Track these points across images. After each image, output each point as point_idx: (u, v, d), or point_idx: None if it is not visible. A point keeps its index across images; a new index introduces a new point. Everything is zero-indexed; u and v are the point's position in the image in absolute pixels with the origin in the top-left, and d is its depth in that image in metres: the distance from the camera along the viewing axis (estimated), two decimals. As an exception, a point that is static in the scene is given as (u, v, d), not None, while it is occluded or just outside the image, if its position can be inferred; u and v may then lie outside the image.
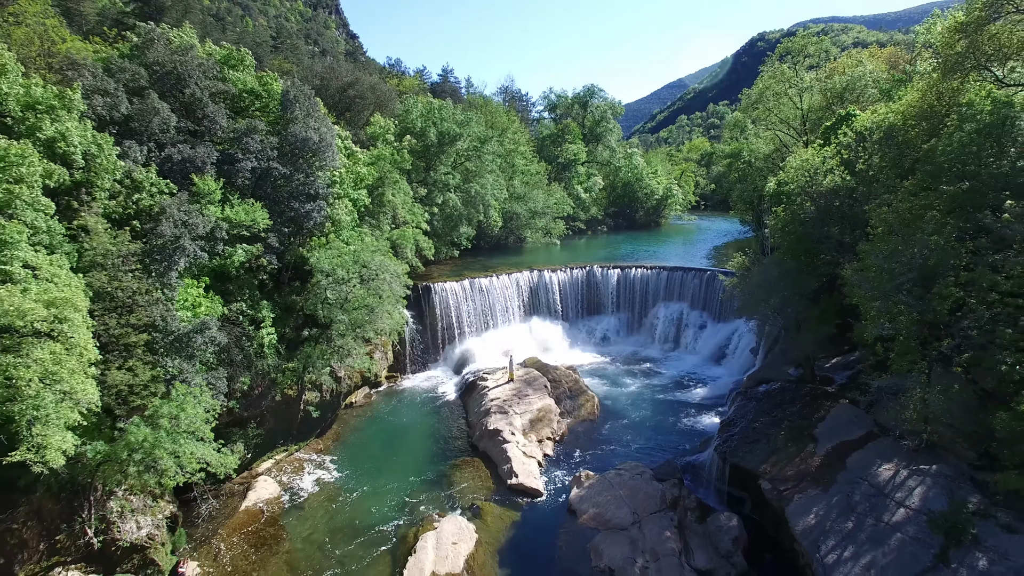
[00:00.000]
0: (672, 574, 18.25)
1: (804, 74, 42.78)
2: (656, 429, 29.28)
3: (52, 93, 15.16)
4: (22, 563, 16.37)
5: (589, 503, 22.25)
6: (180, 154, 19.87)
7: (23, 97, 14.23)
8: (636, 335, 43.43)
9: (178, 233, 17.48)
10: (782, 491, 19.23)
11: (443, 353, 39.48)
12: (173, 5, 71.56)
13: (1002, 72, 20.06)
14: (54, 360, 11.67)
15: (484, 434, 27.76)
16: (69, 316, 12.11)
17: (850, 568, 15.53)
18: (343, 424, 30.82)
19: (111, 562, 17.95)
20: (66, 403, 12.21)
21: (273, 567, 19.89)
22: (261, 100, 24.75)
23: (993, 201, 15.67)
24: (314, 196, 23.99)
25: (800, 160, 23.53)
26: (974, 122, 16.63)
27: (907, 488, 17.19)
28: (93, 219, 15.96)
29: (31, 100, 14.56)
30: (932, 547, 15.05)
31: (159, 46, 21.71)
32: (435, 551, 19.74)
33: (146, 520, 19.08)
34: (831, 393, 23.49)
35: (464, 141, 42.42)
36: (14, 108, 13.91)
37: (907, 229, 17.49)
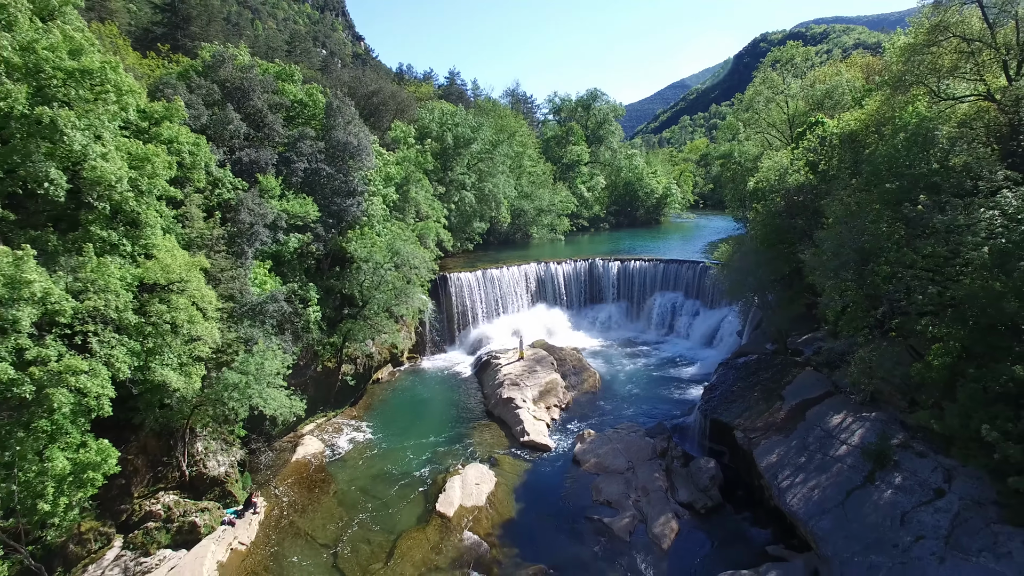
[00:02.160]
0: (659, 504, 22.09)
1: (791, 81, 46.51)
2: (650, 399, 33.08)
3: (163, 106, 19.02)
4: (135, 485, 20.36)
5: (591, 454, 26.10)
6: (248, 156, 23.76)
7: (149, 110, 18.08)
8: (635, 322, 47.20)
9: (253, 221, 21.37)
10: (752, 438, 23.02)
11: (459, 336, 43.36)
12: (198, 15, 75.95)
13: (937, 87, 23.75)
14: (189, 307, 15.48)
15: (499, 402, 31.61)
16: (193, 277, 15.93)
17: (799, 489, 19.36)
18: (372, 396, 34.72)
19: (199, 491, 21.93)
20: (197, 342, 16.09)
21: (325, 503, 23.76)
22: (309, 110, 28.68)
23: (915, 196, 19.38)
24: (353, 192, 27.90)
25: (771, 161, 27.30)
26: (904, 132, 20.37)
27: (850, 431, 20.96)
28: (193, 208, 19.84)
29: (149, 112, 18.44)
30: (863, 471, 18.83)
31: (228, 65, 25.63)
32: (461, 490, 23.62)
33: (223, 460, 23.05)
34: (799, 362, 27.23)
35: (477, 144, 46.36)
36: (137, 119, 17.76)
37: (852, 219, 21.24)
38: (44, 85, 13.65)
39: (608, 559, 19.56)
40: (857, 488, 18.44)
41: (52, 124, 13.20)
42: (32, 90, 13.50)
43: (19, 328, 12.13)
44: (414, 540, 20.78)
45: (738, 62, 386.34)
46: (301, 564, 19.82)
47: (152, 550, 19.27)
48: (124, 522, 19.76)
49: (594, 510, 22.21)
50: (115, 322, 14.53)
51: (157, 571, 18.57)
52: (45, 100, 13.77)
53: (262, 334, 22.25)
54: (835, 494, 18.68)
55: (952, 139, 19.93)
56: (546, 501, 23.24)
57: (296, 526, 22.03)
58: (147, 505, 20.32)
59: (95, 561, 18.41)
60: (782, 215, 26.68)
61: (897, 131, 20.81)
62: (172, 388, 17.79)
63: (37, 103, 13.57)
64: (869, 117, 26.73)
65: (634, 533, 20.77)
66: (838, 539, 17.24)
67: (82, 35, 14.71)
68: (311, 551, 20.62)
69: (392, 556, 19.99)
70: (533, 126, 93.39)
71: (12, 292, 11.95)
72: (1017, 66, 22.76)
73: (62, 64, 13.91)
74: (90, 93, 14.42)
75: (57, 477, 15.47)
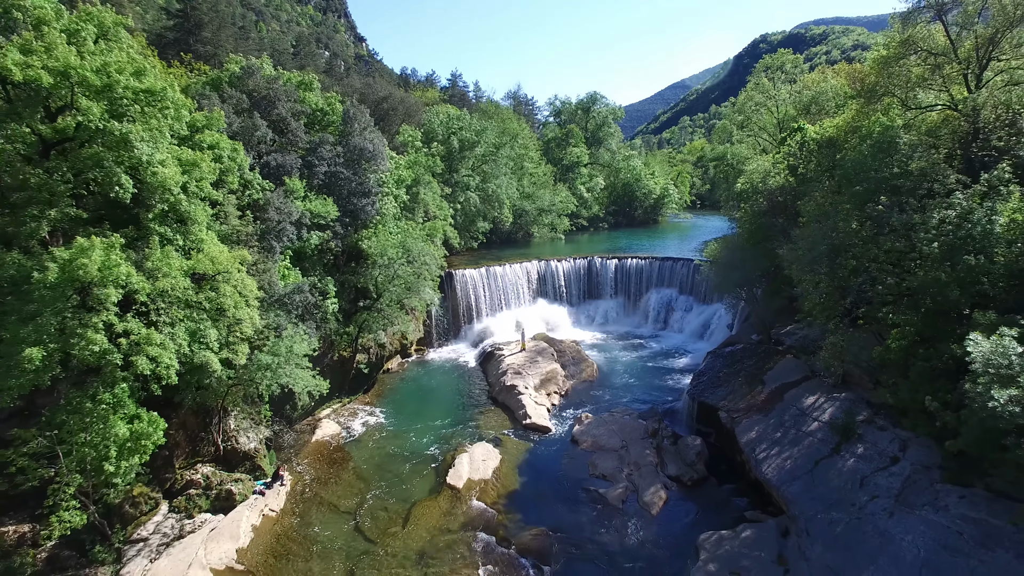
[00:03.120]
0: (649, 477, 24.31)
1: (781, 87, 48.67)
2: (644, 387, 35.28)
3: (205, 116, 21.24)
4: (177, 457, 22.62)
5: (588, 435, 28.32)
6: (275, 161, 25.97)
7: (192, 120, 20.28)
8: (631, 317, 49.40)
9: (280, 219, 23.57)
10: (734, 418, 25.24)
11: (464, 330, 45.57)
12: (209, 21, 78.26)
13: (905, 97, 25.94)
14: (234, 294, 17.72)
15: (502, 389, 33.83)
16: (235, 268, 18.14)
17: (774, 460, 21.58)
18: (383, 384, 36.95)
19: (231, 464, 24.17)
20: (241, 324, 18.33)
21: (345, 477, 25.98)
22: (328, 117, 30.89)
23: (878, 197, 21.57)
24: (368, 193, 30.11)
25: (755, 164, 29.51)
26: (870, 140, 22.57)
27: (822, 409, 23.16)
28: (229, 207, 22.03)
29: (192, 121, 20.67)
30: (831, 443, 21.04)
31: (256, 76, 27.84)
32: (469, 465, 25.84)
33: (253, 437, 25.29)
34: (781, 350, 29.42)
35: (481, 147, 48.57)
36: (182, 129, 19.98)
37: (824, 218, 23.44)
38: (116, 102, 15.86)
39: (602, 523, 21.78)
40: (824, 458, 20.65)
41: (124, 137, 15.42)
42: (106, 106, 15.71)
43: (107, 305, 14.35)
44: (427, 508, 22.99)
45: (738, 63, 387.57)
46: (326, 528, 22.04)
47: (194, 513, 21.51)
48: (168, 489, 22.02)
49: (590, 482, 24.43)
50: (179, 303, 16.75)
51: (200, 531, 20.82)
52: (115, 115, 15.98)
53: (289, 322, 24.49)
54: (805, 463, 20.89)
55: (912, 146, 22.11)
56: (546, 475, 25.46)
57: (319, 496, 24.26)
58: (187, 475, 22.58)
59: (145, 522, 20.66)
60: (765, 214, 28.88)
61: (864, 139, 23.00)
62: (212, 369, 20.03)
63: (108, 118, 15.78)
64: (846, 124, 28.93)
65: (626, 501, 22.98)
66: (805, 501, 19.46)
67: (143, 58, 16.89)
68: (334, 517, 22.85)
69: (408, 521, 22.20)
70: (534, 128, 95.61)
71: (104, 275, 14.14)
72: (976, 78, 24.93)
73: (131, 85, 16.13)
74: (153, 109, 16.64)
75: (118, 443, 17.68)
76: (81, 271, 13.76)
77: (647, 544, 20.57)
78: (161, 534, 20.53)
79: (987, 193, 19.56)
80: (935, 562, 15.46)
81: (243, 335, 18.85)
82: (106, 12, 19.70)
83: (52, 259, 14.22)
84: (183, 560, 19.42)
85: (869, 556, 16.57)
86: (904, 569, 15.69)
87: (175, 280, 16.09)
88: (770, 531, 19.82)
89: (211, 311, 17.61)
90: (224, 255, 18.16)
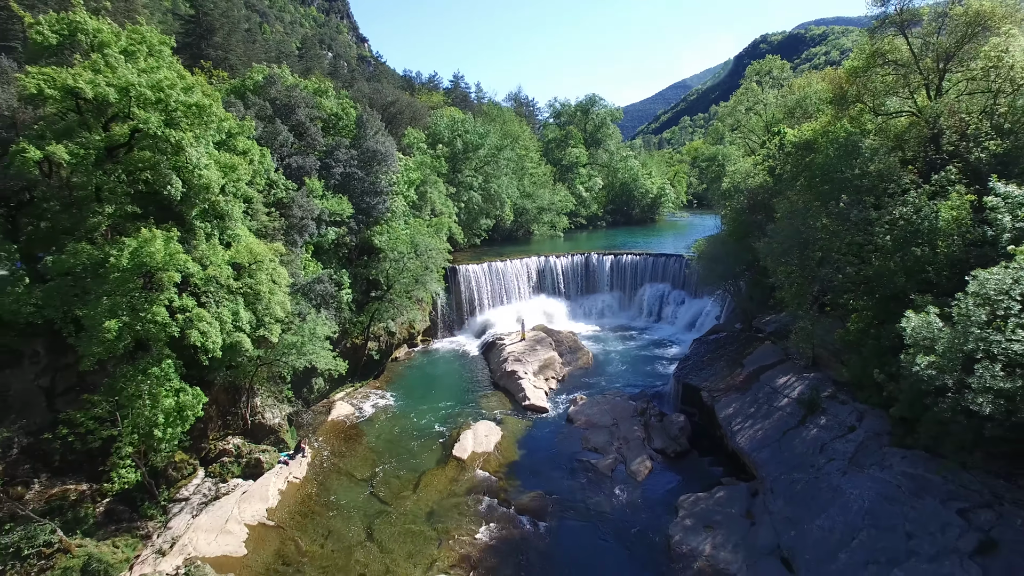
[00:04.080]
0: (636, 450, 26.78)
1: (769, 92, 51.07)
2: (636, 374, 37.73)
3: (238, 124, 23.77)
4: (211, 430, 25.13)
5: (582, 414, 30.80)
6: (295, 163, 28.45)
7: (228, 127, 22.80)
8: (626, 310, 51.83)
9: (303, 216, 26.04)
10: (715, 396, 27.70)
11: (467, 322, 48.07)
12: (220, 27, 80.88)
13: (873, 104, 28.34)
14: (268, 281, 20.22)
15: (503, 375, 36.31)
16: (268, 258, 20.64)
17: (747, 431, 24.05)
18: (392, 371, 39.46)
19: (258, 437, 26.69)
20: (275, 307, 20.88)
21: (359, 451, 28.49)
22: (342, 121, 33.36)
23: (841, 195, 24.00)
24: (380, 192, 32.59)
25: (738, 165, 31.93)
26: (836, 144, 24.99)
27: (792, 387, 25.61)
28: (258, 205, 24.52)
29: (227, 128, 23.19)
30: (798, 416, 23.49)
31: (277, 85, 30.31)
32: (473, 440, 28.33)
33: (276, 413, 27.81)
34: (760, 337, 31.86)
35: (484, 149, 51.05)
36: (220, 135, 22.49)
37: (796, 215, 25.87)
38: (170, 114, 18.34)
39: (593, 488, 24.25)
40: (791, 428, 23.12)
41: (178, 144, 17.90)
42: (162, 117, 18.18)
43: (168, 287, 16.81)
44: (435, 476, 25.50)
45: (738, 63, 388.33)
46: (344, 493, 24.54)
47: (227, 478, 24.05)
48: (204, 457, 24.56)
49: (583, 454, 26.91)
50: (223, 288, 19.26)
51: (233, 493, 23.35)
52: (170, 125, 18.46)
53: (311, 309, 27.01)
54: (774, 433, 23.37)
55: (873, 150, 24.50)
56: (543, 448, 27.95)
57: (337, 467, 26.79)
58: (220, 445, 25.12)
59: (185, 484, 23.21)
60: (746, 212, 31.31)
61: (831, 143, 25.42)
62: (244, 349, 22.54)
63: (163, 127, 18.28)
64: (821, 128, 31.33)
65: (615, 470, 25.45)
66: (772, 465, 21.94)
67: (191, 76, 19.38)
68: (351, 484, 25.36)
69: (418, 487, 24.70)
70: (535, 128, 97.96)
71: (167, 261, 16.62)
72: (937, 87, 27.31)
73: (182, 99, 18.62)
74: (199, 120, 19.11)
75: (165, 412, 20.19)
76: (148, 258, 16.27)
77: (633, 505, 23.04)
78: (200, 495, 23.08)
79: (936, 193, 22.00)
80: (876, 510, 17.92)
81: (275, 317, 21.35)
82: (152, 32, 22.26)
83: (122, 247, 16.73)
84: (220, 516, 21.95)
85: (822, 507, 19.06)
86: (850, 516, 18.17)
87: (220, 268, 18.59)
88: (741, 492, 22.29)
89: (249, 296, 20.10)
90: (260, 246, 20.68)
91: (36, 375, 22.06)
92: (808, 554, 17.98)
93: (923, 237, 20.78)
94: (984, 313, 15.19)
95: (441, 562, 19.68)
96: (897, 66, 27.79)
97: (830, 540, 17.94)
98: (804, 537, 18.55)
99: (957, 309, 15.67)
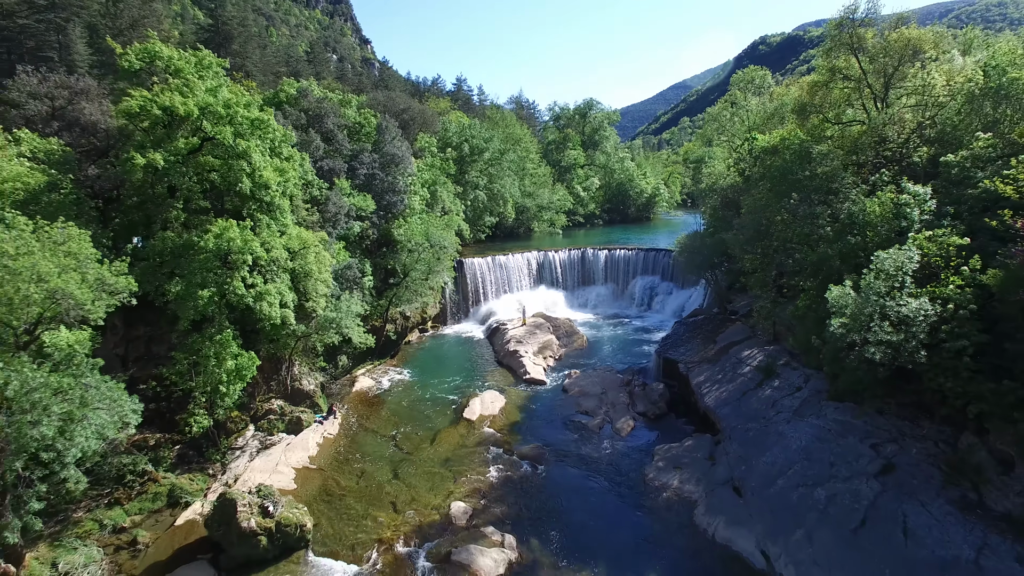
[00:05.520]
0: (622, 412, 31.10)
1: (751, 99, 55.29)
2: (625, 354, 42.05)
3: (284, 132, 28.10)
4: (258, 393, 29.52)
5: (576, 385, 35.13)
6: (326, 165, 32.77)
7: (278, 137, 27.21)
8: (619, 300, 56.13)
9: (336, 211, 30.36)
10: (690, 367, 32.02)
11: (472, 310, 52.41)
12: (238, 35, 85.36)
13: (828, 114, 32.60)
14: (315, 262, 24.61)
15: (506, 354, 40.67)
16: (314, 244, 25.03)
17: (714, 393, 28.38)
18: (405, 352, 43.83)
19: (296, 400, 31.07)
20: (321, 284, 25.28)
21: (382, 414, 32.81)
22: (364, 129, 37.69)
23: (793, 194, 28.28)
24: (398, 191, 36.93)
25: (713, 167, 36.22)
26: (791, 150, 29.29)
27: (755, 358, 29.90)
28: (299, 201, 28.85)
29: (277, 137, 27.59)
30: (756, 380, 27.80)
31: (309, 97, 34.62)
32: (480, 405, 32.67)
33: (311, 381, 32.22)
34: (733, 319, 36.21)
35: (489, 153, 55.41)
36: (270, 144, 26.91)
37: (758, 210, 30.16)
38: (237, 126, 22.71)
39: (584, 441, 28.58)
40: (750, 390, 27.44)
41: (246, 150, 22.25)
42: (233, 129, 22.54)
43: (243, 266, 21.15)
44: (449, 433, 29.83)
45: (738, 64, 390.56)
46: (372, 446, 28.87)
47: (274, 432, 28.41)
48: (253, 415, 28.92)
49: (575, 416, 31.24)
50: (282, 268, 23.64)
51: (279, 445, 27.71)
52: (238, 135, 22.82)
53: (343, 292, 31.40)
54: (736, 394, 27.69)
55: (822, 155, 28.77)
56: (541, 412, 32.30)
57: (364, 426, 31.14)
58: (266, 405, 29.50)
59: (240, 436, 27.58)
60: (720, 208, 35.62)
61: (787, 148, 29.72)
62: (289, 323, 26.90)
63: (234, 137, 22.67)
64: (786, 134, 35.60)
65: (603, 428, 29.78)
66: (732, 418, 26.26)
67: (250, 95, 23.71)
68: (377, 439, 29.70)
69: (434, 441, 29.03)
70: (535, 130, 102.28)
71: (242, 245, 20.95)
72: (883, 100, 31.59)
73: (245, 114, 22.99)
74: (259, 131, 23.45)
75: (227, 371, 24.54)
76: (228, 243, 20.62)
77: (616, 454, 27.37)
78: (252, 445, 27.47)
79: (871, 191, 26.29)
80: (809, 448, 22.23)
81: (320, 293, 25.72)
82: (211, 56, 26.68)
83: (205, 234, 21.11)
84: (272, 461, 26.32)
85: (768, 448, 23.37)
86: (789, 454, 22.48)
87: (279, 251, 22.96)
88: (706, 441, 26.63)
89: (300, 275, 24.46)
90: (307, 234, 25.05)
91: (115, 344, 26.48)
92: (754, 482, 22.30)
93: (857, 228, 25.07)
94: (883, 284, 19.52)
95: (456, 493, 24.02)
96: (851, 81, 32.17)
97: (772, 471, 22.26)
98: (752, 470, 22.87)
99: (864, 281, 19.99)
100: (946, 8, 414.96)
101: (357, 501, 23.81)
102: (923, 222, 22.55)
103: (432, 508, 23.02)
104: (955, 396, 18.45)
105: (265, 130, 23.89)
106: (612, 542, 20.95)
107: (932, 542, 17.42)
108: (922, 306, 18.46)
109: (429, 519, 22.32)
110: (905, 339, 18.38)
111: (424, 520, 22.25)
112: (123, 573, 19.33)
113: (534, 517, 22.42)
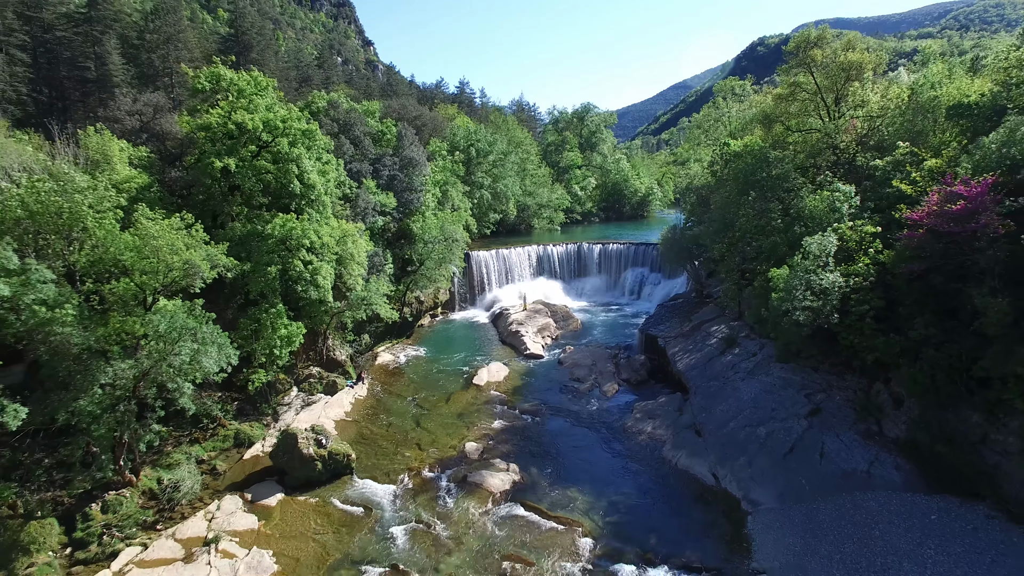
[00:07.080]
0: (608, 378, 36.31)
1: (733, 106, 60.50)
2: (614, 335, 47.24)
3: (326, 140, 33.33)
4: (299, 361, 34.77)
5: (570, 358, 40.36)
6: (355, 168, 37.96)
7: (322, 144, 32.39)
8: (612, 290, 61.29)
9: (365, 206, 35.56)
10: (668, 341, 37.22)
11: (478, 299, 57.60)
12: (256, 44, 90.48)
13: (789, 123, 37.77)
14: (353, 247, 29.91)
15: (509, 334, 45.89)
16: (352, 233, 30.32)
17: (685, 360, 33.60)
18: (419, 333, 49.06)
19: (330, 367, 36.33)
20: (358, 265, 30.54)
21: (403, 382, 38.02)
22: (386, 136, 42.86)
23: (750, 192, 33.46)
24: (415, 190, 42.15)
25: (689, 168, 41.36)
26: (752, 155, 34.46)
27: (721, 332, 35.07)
28: (335, 198, 34.06)
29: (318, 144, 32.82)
30: (720, 349, 32.98)
31: (340, 108, 39.75)
32: (487, 374, 37.91)
33: (343, 352, 37.48)
34: (708, 301, 41.39)
35: (493, 155, 60.66)
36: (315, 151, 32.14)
37: (725, 206, 35.35)
38: (291, 136, 27.94)
39: (575, 400, 33.80)
40: (715, 357, 32.64)
41: (299, 157, 27.47)
42: (287, 139, 27.76)
43: (301, 249, 26.47)
44: (461, 395, 35.05)
45: (737, 64, 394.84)
46: (396, 405, 34.09)
47: (314, 393, 33.66)
48: (296, 379, 34.18)
49: (569, 382, 36.46)
50: (331, 251, 28.93)
51: (319, 403, 32.94)
52: (291, 144, 28.03)
53: (371, 277, 36.67)
54: (702, 360, 32.89)
55: (778, 159, 33.92)
56: (540, 379, 37.53)
57: (388, 390, 36.38)
58: (306, 371, 34.76)
59: (285, 395, 32.83)
60: (697, 205, 40.80)
61: (749, 153, 34.91)
62: (327, 300, 32.14)
63: (288, 147, 27.90)
64: (748, 141, 40.77)
65: (592, 391, 34.99)
66: (698, 379, 31.45)
67: (299, 110, 28.99)
68: (399, 400, 34.91)
69: (449, 401, 34.25)
70: (535, 132, 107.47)
71: (301, 233, 26.26)
72: (836, 111, 36.70)
73: (296, 126, 28.22)
74: (308, 141, 28.70)
75: (281, 338, 29.79)
76: (290, 231, 25.89)
77: (602, 410, 32.59)
78: (297, 403, 32.72)
79: (816, 190, 31.46)
80: (757, 398, 27.43)
81: (358, 274, 30.99)
82: (262, 77, 31.93)
83: (271, 224, 26.40)
84: (314, 415, 31.54)
85: (724, 399, 28.56)
86: (740, 404, 27.67)
87: (328, 239, 28.25)
88: (676, 398, 31.84)
89: (344, 259, 29.80)
90: (348, 224, 30.35)
91: (182, 317, 31.67)
92: (711, 425, 27.51)
93: (802, 220, 30.23)
94: (810, 263, 24.72)
95: (469, 437, 29.24)
96: (808, 94, 37.36)
97: (725, 416, 27.47)
98: (710, 416, 28.08)
99: (794, 261, 25.19)
100: (945, 9, 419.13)
101: (388, 443, 29.07)
102: (850, 215, 27.73)
103: (450, 447, 28.28)
104: (862, 351, 23.64)
105: (312, 139, 29.13)
106: (596, 470, 26.19)
107: (840, 460, 22.68)
108: (836, 279, 23.67)
109: (448, 454, 27.59)
110: (823, 305, 23.57)
111: (444, 455, 27.51)
112: (210, 488, 24.61)
113: (533, 453, 27.66)
